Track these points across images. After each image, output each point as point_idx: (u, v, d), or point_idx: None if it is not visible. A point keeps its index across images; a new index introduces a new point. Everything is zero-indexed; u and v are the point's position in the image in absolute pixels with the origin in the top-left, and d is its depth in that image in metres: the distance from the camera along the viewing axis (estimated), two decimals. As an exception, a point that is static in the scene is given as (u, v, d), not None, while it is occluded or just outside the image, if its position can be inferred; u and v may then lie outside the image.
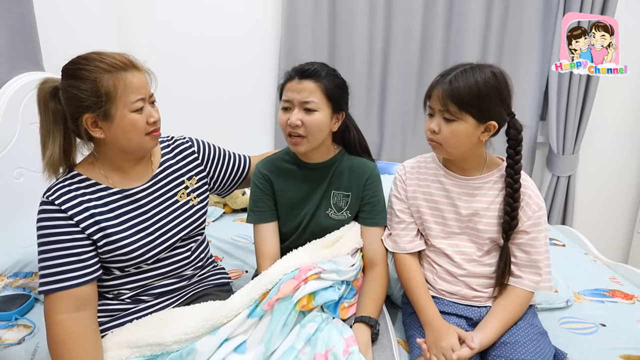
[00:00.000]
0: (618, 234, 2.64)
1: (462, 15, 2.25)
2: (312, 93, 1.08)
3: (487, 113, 1.03)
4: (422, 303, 1.12)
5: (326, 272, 1.06)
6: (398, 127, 2.41)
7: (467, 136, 1.05)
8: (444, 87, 1.03)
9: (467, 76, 1.01)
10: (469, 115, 1.02)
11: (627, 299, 1.40)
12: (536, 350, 1.00)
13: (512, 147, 1.07)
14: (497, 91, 1.02)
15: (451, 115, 1.03)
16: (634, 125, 2.47)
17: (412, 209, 1.21)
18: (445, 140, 1.06)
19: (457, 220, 1.15)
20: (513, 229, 1.08)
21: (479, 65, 1.04)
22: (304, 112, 1.09)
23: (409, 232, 1.21)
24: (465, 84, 1.01)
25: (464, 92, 1.00)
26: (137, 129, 0.99)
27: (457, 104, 1.01)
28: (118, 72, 0.96)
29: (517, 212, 1.07)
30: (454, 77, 1.02)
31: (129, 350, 0.98)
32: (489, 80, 1.01)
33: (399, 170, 1.25)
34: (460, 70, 1.03)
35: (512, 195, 1.07)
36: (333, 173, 1.21)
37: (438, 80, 1.06)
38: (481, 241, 1.13)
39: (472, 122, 1.03)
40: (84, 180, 1.02)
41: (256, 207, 1.22)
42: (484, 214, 1.11)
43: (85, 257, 0.98)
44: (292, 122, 1.09)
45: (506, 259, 1.09)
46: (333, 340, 0.96)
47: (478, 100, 1.01)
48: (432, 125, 1.07)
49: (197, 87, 2.37)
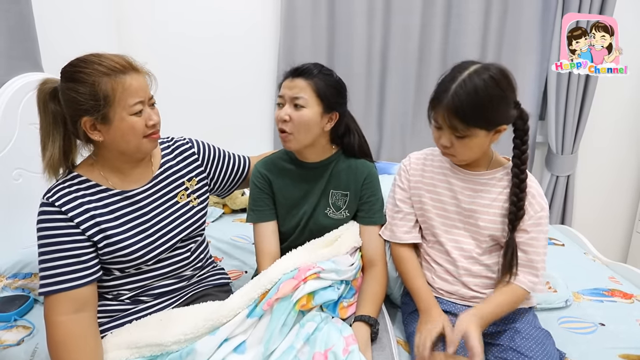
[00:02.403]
0: (617, 233, 2.65)
1: (460, 16, 2.25)
2: (302, 90, 1.10)
3: (495, 121, 1.02)
4: (420, 291, 1.12)
5: (325, 272, 1.06)
6: (397, 128, 2.41)
7: (479, 145, 1.05)
8: (447, 107, 1.00)
9: (466, 88, 0.98)
10: (477, 129, 1.01)
11: (626, 298, 1.40)
12: (543, 353, 1.00)
13: (519, 137, 1.07)
14: (500, 97, 1.00)
15: (460, 132, 1.01)
16: (632, 125, 2.48)
17: (414, 199, 1.21)
18: (459, 153, 1.07)
19: (458, 214, 1.14)
20: (520, 219, 1.07)
21: (477, 70, 1.00)
22: (293, 108, 1.11)
23: (407, 222, 1.21)
24: (468, 100, 0.98)
25: (468, 109, 0.98)
26: (136, 132, 0.99)
27: (463, 122, 1.00)
28: (117, 75, 0.95)
29: (523, 202, 1.06)
30: (454, 93, 0.99)
31: (128, 351, 0.98)
32: (490, 88, 0.99)
33: (405, 161, 1.25)
34: (459, 84, 0.99)
35: (519, 185, 1.06)
36: (331, 172, 1.22)
37: (439, 94, 1.02)
38: (481, 238, 1.13)
39: (483, 133, 1.02)
40: (84, 182, 1.02)
41: (255, 207, 1.23)
42: (486, 211, 1.11)
43: (85, 258, 0.97)
44: (280, 116, 1.12)
45: (512, 252, 1.06)
46: (333, 339, 0.96)
47: (484, 113, 1.00)
48: (443, 142, 1.06)
49: (196, 87, 2.37)
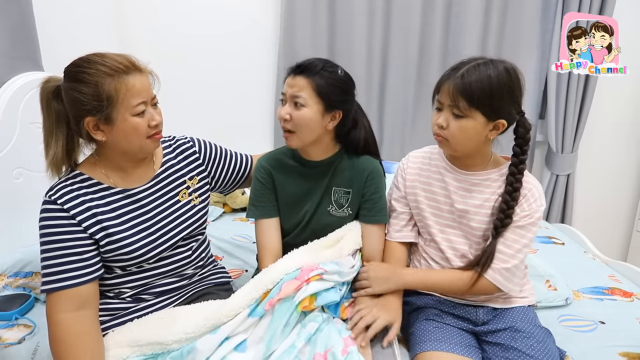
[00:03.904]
0: (617, 232, 2.65)
1: (460, 15, 2.26)
2: (302, 89, 1.08)
3: (497, 111, 1.00)
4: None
5: (328, 274, 1.06)
6: (397, 127, 2.41)
7: (475, 133, 1.02)
8: (455, 82, 0.99)
9: (479, 71, 0.98)
10: (478, 112, 0.99)
11: (626, 296, 1.40)
12: (545, 352, 1.00)
13: (519, 145, 1.05)
14: (509, 88, 1.00)
15: (460, 111, 1.00)
16: (632, 124, 2.48)
17: (410, 198, 1.20)
18: (453, 136, 1.04)
19: (452, 213, 1.14)
20: (505, 226, 1.05)
21: (492, 61, 1.00)
22: (294, 107, 1.10)
23: (399, 221, 1.21)
24: (477, 80, 0.97)
25: (476, 88, 0.97)
26: (139, 132, 0.99)
27: (467, 99, 0.98)
28: (120, 75, 0.95)
29: (512, 211, 1.05)
30: (465, 71, 0.99)
31: (129, 349, 0.98)
32: (502, 76, 0.98)
33: (403, 160, 1.25)
34: (473, 65, 1.00)
35: (511, 193, 1.05)
36: (334, 170, 1.20)
37: (449, 74, 1.02)
38: (474, 238, 1.12)
39: (482, 120, 1.00)
40: (86, 180, 1.03)
41: (258, 202, 1.22)
42: (477, 211, 1.10)
43: (87, 256, 0.98)
44: (280, 115, 1.11)
45: (490, 253, 1.05)
46: (332, 340, 0.96)
47: (489, 97, 0.98)
48: (440, 120, 1.04)
49: (196, 86, 2.37)
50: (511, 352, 1.01)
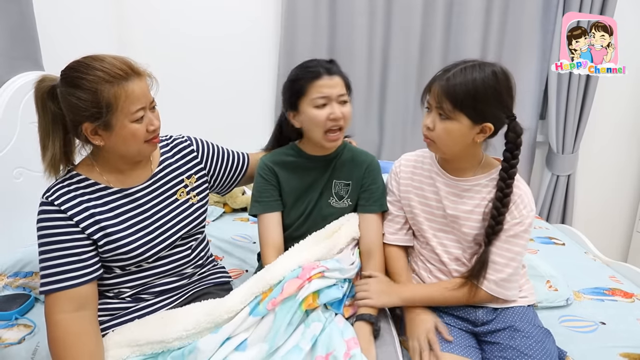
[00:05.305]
0: (617, 232, 2.65)
1: (461, 15, 2.26)
2: (342, 87, 1.15)
3: (482, 114, 1.00)
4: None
5: (330, 271, 1.07)
6: (398, 127, 2.41)
7: (460, 136, 1.02)
8: (441, 84, 1.00)
9: (465, 74, 0.98)
10: (463, 115, 0.99)
11: (626, 297, 1.40)
12: (543, 352, 1.00)
13: (510, 150, 1.03)
14: (495, 92, 0.99)
15: (445, 113, 1.00)
16: (633, 124, 2.48)
17: (403, 202, 1.21)
18: (439, 138, 1.04)
19: (444, 218, 1.14)
20: (497, 233, 1.05)
21: (481, 64, 1.00)
22: (341, 105, 1.13)
23: (394, 224, 1.22)
24: (462, 82, 0.98)
25: (460, 91, 0.98)
26: (137, 138, 0.99)
27: (451, 102, 0.99)
28: (119, 82, 0.93)
29: (503, 217, 1.04)
30: (452, 74, 0.99)
31: (129, 349, 0.98)
32: (488, 80, 0.98)
33: (396, 163, 1.25)
34: (460, 68, 1.00)
35: (502, 199, 1.03)
36: (335, 164, 1.24)
37: (438, 75, 1.03)
38: (466, 243, 1.12)
39: (467, 123, 1.00)
40: (83, 180, 1.02)
41: (261, 198, 1.23)
42: (468, 217, 1.10)
43: (85, 257, 0.97)
44: (337, 115, 1.12)
45: (483, 264, 1.05)
46: (334, 343, 0.96)
47: (473, 101, 0.98)
48: (427, 122, 1.05)
49: (196, 86, 2.37)
50: (509, 352, 1.01)
